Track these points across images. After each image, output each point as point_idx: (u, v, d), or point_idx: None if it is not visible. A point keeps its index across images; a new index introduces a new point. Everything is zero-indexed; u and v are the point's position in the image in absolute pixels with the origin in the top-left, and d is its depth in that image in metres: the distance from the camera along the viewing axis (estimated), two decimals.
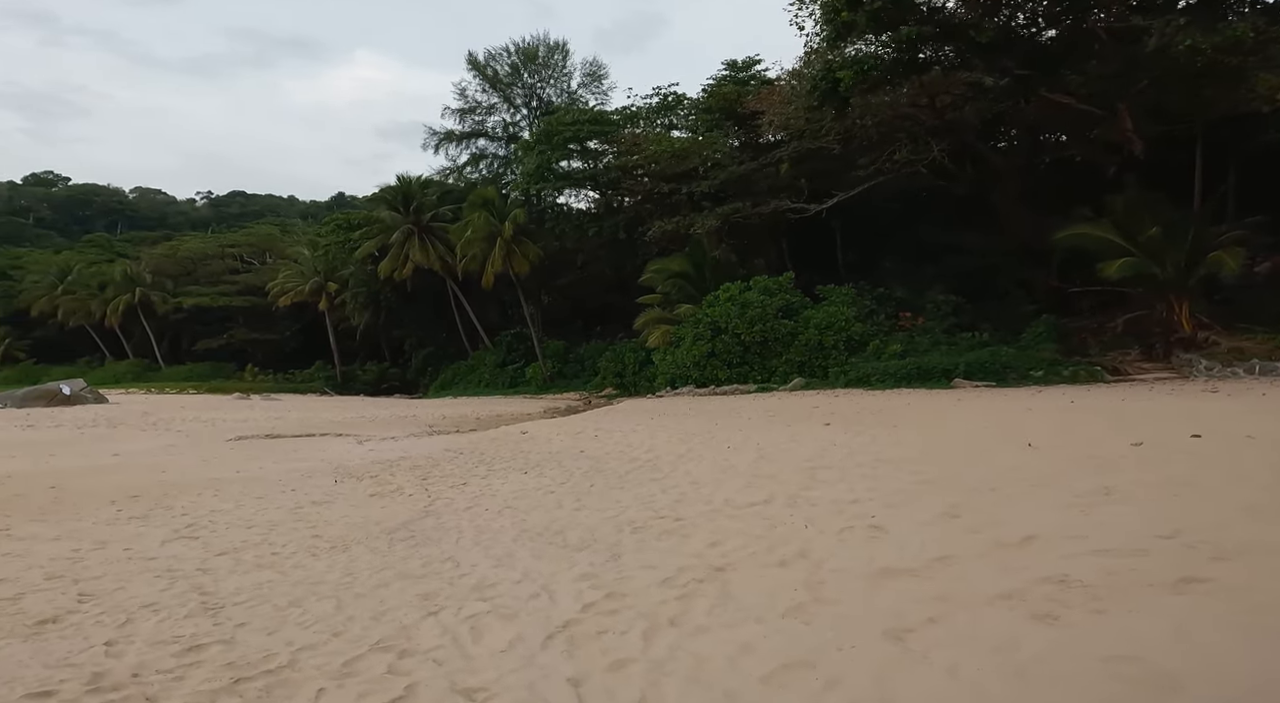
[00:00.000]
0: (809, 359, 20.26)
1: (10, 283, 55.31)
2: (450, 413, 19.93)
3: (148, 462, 10.44)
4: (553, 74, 46.56)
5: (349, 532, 5.49)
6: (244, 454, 11.29)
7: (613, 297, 40.75)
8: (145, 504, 6.85)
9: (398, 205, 39.21)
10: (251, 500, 7.05)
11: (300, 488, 7.79)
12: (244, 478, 8.67)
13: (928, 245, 27.10)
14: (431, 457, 9.92)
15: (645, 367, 28.84)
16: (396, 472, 8.65)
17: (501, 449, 10.35)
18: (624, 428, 11.86)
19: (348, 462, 9.95)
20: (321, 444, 12.51)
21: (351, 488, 7.70)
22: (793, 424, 10.88)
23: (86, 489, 7.77)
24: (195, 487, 7.99)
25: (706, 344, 21.31)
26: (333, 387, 45.32)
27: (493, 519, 5.67)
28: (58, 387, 20.77)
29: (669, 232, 26.40)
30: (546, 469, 8.09)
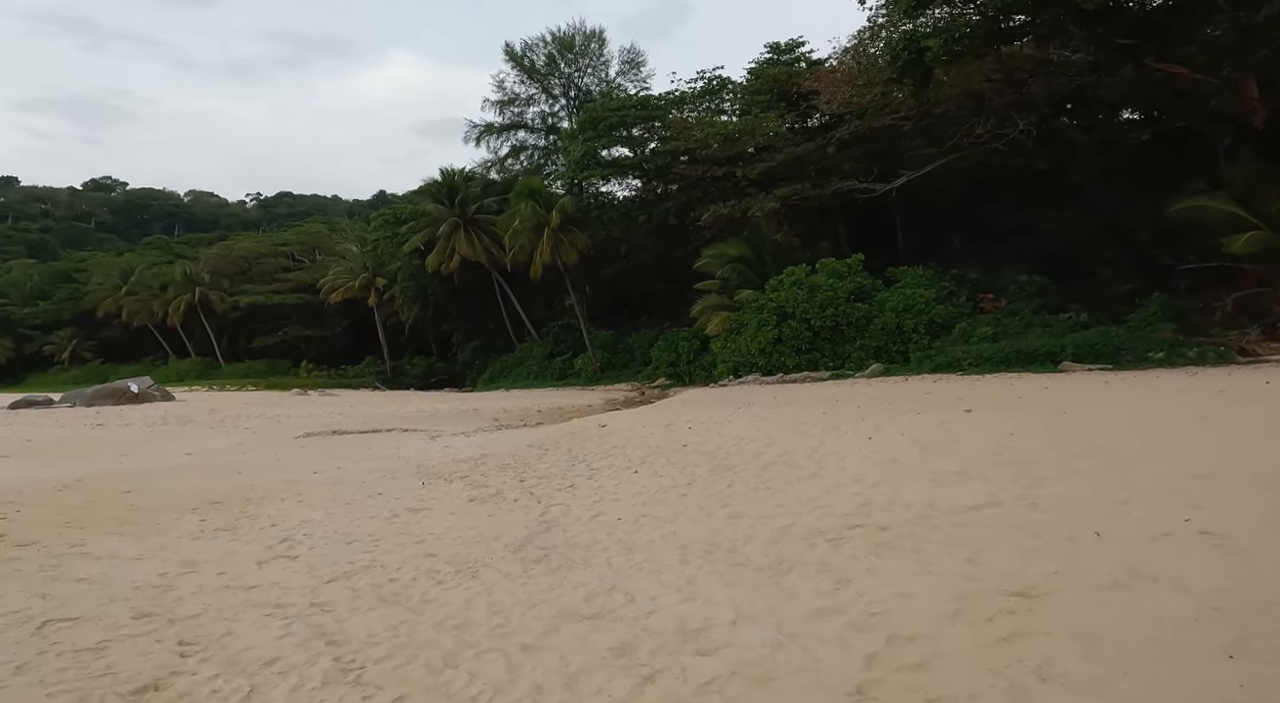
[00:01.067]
0: (885, 344, 18.93)
1: (75, 285, 57.16)
2: (510, 406, 19.27)
3: (221, 462, 9.90)
4: (590, 63, 45.51)
5: (467, 550, 4.65)
6: (316, 453, 10.68)
7: (657, 286, 39.76)
8: (229, 513, 6.16)
9: (443, 198, 38.88)
10: (340, 507, 6.31)
11: (388, 492, 7.03)
12: (324, 480, 7.98)
13: (993, 226, 25.40)
14: (516, 454, 9.11)
15: (700, 356, 27.82)
16: (486, 472, 7.84)
17: (588, 444, 9.49)
18: (714, 418, 10.87)
19: (428, 460, 9.22)
20: (392, 441, 11.87)
21: (443, 491, 6.91)
22: (923, 411, 9.69)
23: (164, 495, 7.16)
24: (276, 491, 7.31)
25: (772, 330, 20.15)
26: (383, 382, 45.52)
27: (633, 531, 4.77)
28: (126, 385, 20.86)
29: (724, 216, 25.25)
30: (659, 467, 7.17)
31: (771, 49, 31.74)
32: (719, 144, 26.07)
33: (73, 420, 16.71)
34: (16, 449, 12.39)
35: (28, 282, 60.01)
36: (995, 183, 26.64)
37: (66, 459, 10.65)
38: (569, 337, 37.36)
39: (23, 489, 7.75)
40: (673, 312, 37.58)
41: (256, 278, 52.95)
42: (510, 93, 45.38)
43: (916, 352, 18.20)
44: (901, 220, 29.25)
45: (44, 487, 7.89)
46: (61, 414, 18.11)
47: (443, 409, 18.67)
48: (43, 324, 56.63)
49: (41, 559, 4.70)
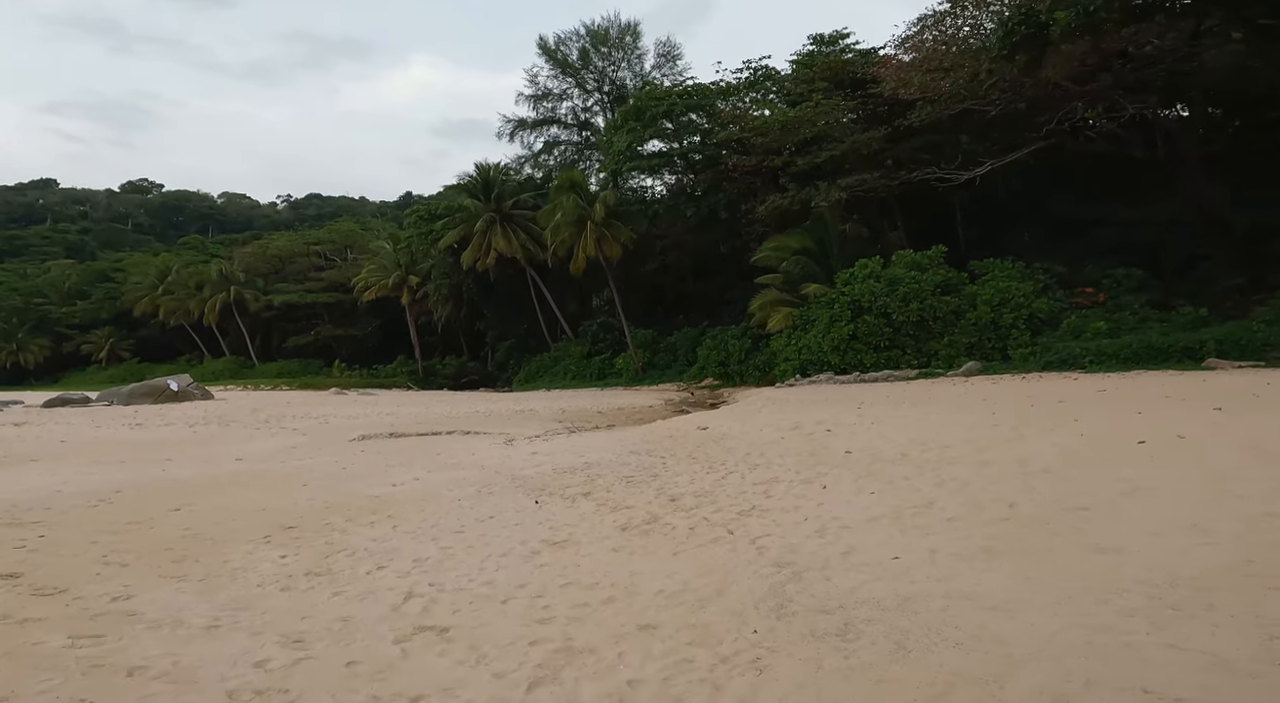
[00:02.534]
0: (979, 340, 17.13)
1: (113, 285, 57.00)
2: (566, 406, 17.79)
3: (278, 469, 8.49)
4: (625, 56, 44.10)
5: (695, 616, 3.13)
6: (382, 459, 9.25)
7: (694, 285, 38.20)
8: (313, 544, 4.71)
9: (478, 193, 37.65)
10: (452, 538, 4.82)
11: (499, 514, 5.54)
12: (409, 495, 6.52)
13: (1063, 219, 23.47)
14: (627, 463, 7.58)
15: (753, 354, 26.19)
16: (610, 486, 6.33)
17: (711, 451, 7.93)
18: (841, 419, 9.20)
19: (520, 470, 7.72)
20: (460, 445, 10.40)
21: (572, 514, 5.39)
22: (1134, 411, 7.91)
23: (222, 514, 5.72)
24: (358, 510, 5.85)
25: (846, 326, 18.44)
26: (415, 381, 44.44)
27: (956, 575, 3.18)
28: (165, 382, 19.76)
29: (782, 207, 23.61)
30: (851, 479, 5.57)
31: (815, 40, 30.27)
32: (776, 133, 24.46)
33: (110, 420, 15.53)
34: (49, 451, 11.15)
35: (66, 281, 60.02)
36: (1066, 174, 24.72)
37: (103, 465, 9.34)
38: (608, 336, 35.88)
39: (51, 503, 6.37)
40: (710, 311, 35.93)
41: (290, 277, 52.28)
42: (543, 88, 44.14)
43: (1019, 349, 16.38)
44: (962, 213, 27.39)
45: (77, 500, 6.52)
46: (98, 413, 16.99)
47: (496, 410, 17.24)
48: (80, 323, 56.52)
49: (72, 623, 3.26)
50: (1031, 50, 15.26)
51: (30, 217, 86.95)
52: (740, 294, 33.74)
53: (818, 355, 19.01)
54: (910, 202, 26.12)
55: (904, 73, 21.75)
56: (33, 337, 56.08)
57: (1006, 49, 15.50)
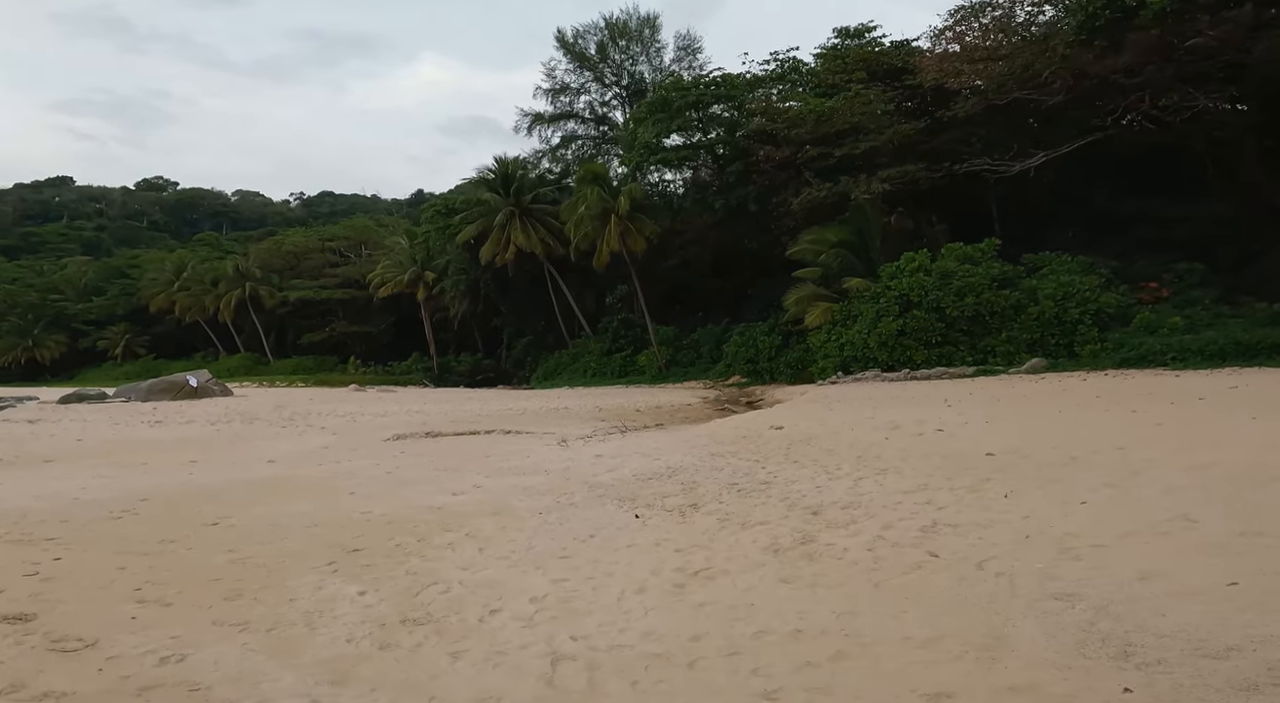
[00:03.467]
0: (1041, 336, 16.09)
1: (129, 281, 56.53)
2: (602, 404, 16.88)
3: (318, 474, 7.60)
4: (644, 49, 43.11)
5: (1000, 676, 2.21)
6: (426, 461, 8.35)
7: (715, 281, 37.18)
8: (392, 575, 3.80)
9: (497, 187, 36.78)
10: (555, 563, 3.92)
11: (598, 531, 4.63)
12: (477, 506, 5.62)
13: (1102, 214, 22.36)
14: (711, 465, 6.69)
15: (783, 351, 25.24)
16: (716, 495, 5.43)
17: (805, 453, 7.01)
18: (945, 418, 8.19)
19: (589, 474, 6.81)
20: (510, 447, 9.48)
21: (687, 529, 4.48)
22: None
23: (270, 531, 4.83)
24: (426, 526, 4.94)
25: (894, 321, 17.44)
26: (430, 379, 43.67)
27: None
28: (184, 378, 18.96)
29: (817, 199, 22.61)
30: (1050, 488, 4.60)
31: (840, 34, 29.31)
32: (810, 124, 23.48)
33: (128, 417, 14.72)
34: (64, 451, 10.31)
35: (82, 278, 59.61)
36: (1103, 169, 23.60)
37: (124, 467, 8.47)
38: (628, 332, 34.95)
39: (69, 513, 5.49)
40: (731, 308, 34.91)
41: (305, 273, 51.61)
42: (560, 82, 43.23)
43: (1088, 345, 15.35)
44: (999, 208, 26.30)
45: (97, 510, 5.64)
46: (116, 410, 16.20)
47: (528, 408, 16.34)
48: (96, 319, 56.06)
49: (104, 697, 2.34)
50: (1113, 36, 14.18)
51: (47, 214, 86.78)
52: (763, 291, 32.71)
53: (862, 352, 18.02)
54: (945, 196, 25.08)
55: (949, 63, 20.81)
56: (49, 333, 55.67)
57: (1085, 34, 14.42)
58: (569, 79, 42.94)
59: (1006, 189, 24.80)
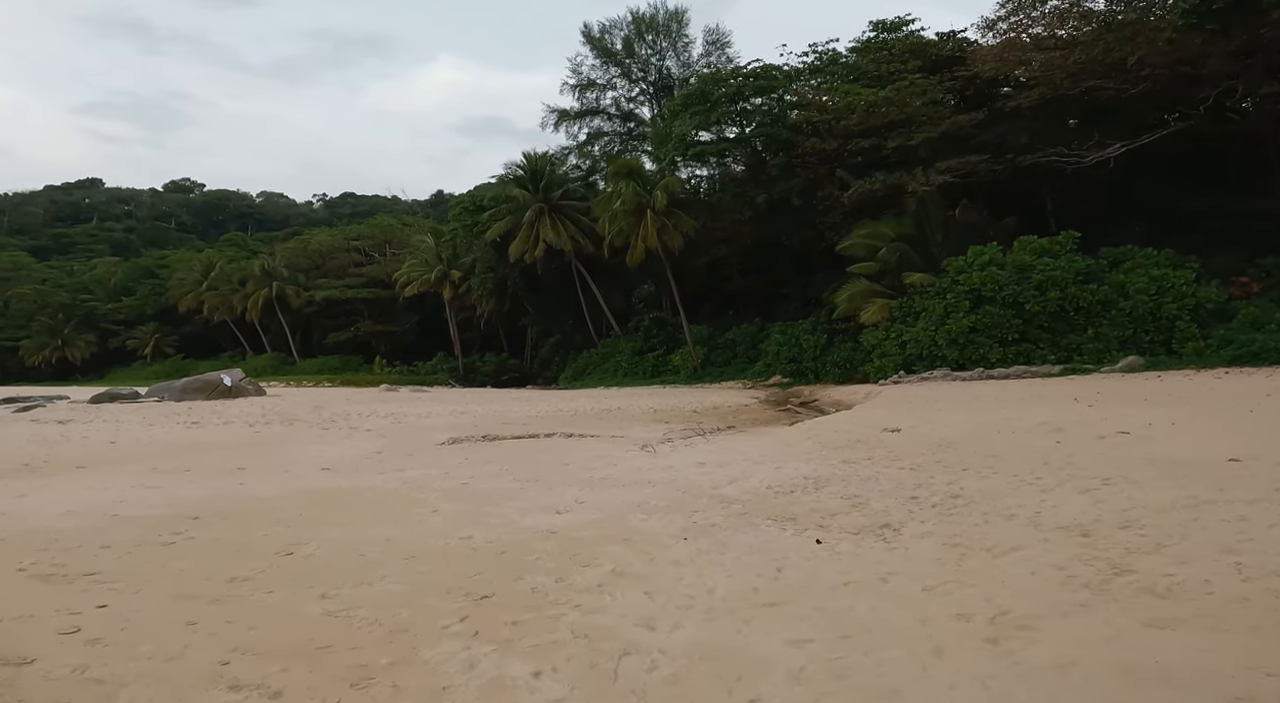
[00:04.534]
0: (1134, 333, 14.77)
1: (158, 281, 56.52)
2: (656, 405, 15.83)
3: (381, 485, 6.61)
4: (671, 44, 42.08)
5: None
6: (498, 469, 7.34)
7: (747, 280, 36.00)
8: (557, 638, 2.77)
9: (526, 184, 35.90)
10: (764, 614, 2.91)
11: (785, 564, 3.62)
12: (597, 528, 4.58)
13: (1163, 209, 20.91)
14: (860, 476, 5.61)
15: (828, 350, 24.04)
16: (911, 514, 4.32)
17: (966, 457, 5.87)
18: (1106, 420, 7.01)
19: (703, 485, 5.75)
20: (587, 452, 8.43)
21: (909, 558, 3.44)
22: None
23: (358, 566, 3.81)
24: (551, 558, 3.90)
25: (965, 317, 16.18)
26: (456, 378, 42.94)
27: None
28: (218, 377, 18.19)
29: (868, 192, 21.42)
30: None
31: (876, 26, 28.13)
32: (861, 115, 22.33)
33: (163, 418, 13.90)
34: (97, 455, 9.44)
35: (112, 278, 59.73)
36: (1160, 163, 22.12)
37: (164, 475, 7.55)
38: (661, 331, 33.89)
39: (109, 535, 4.52)
40: (763, 307, 33.69)
41: (330, 273, 51.16)
42: (586, 78, 42.34)
43: (1188, 342, 14.03)
44: (1053, 203, 24.90)
45: (142, 531, 4.67)
46: (149, 410, 15.42)
47: (578, 408, 15.32)
48: (126, 319, 56.06)
49: None
50: (1227, 20, 12.89)
51: (77, 215, 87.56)
52: (799, 289, 31.52)
53: (928, 350, 16.79)
54: (998, 190, 23.80)
55: (1012, 52, 19.67)
56: (79, 332, 55.79)
57: (1197, 18, 13.14)
58: (595, 75, 42.03)
59: (1062, 184, 23.47)
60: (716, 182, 34.05)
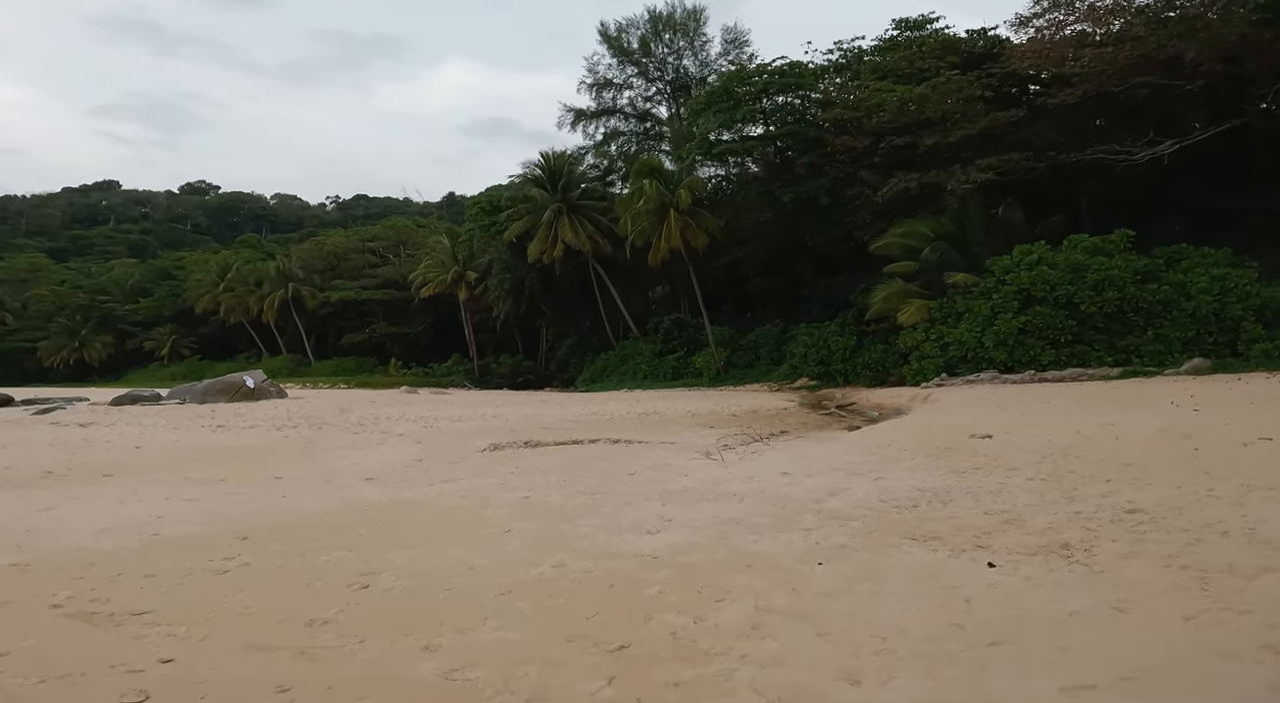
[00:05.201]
0: (1196, 334, 14.03)
1: (175, 282, 56.46)
2: (693, 409, 15.21)
3: (437, 498, 6.04)
4: (689, 43, 41.57)
5: None
6: (557, 480, 6.74)
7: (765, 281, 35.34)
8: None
9: (544, 183, 35.40)
10: (1001, 655, 2.18)
11: (974, 596, 2.92)
12: (706, 552, 3.98)
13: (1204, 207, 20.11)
14: (989, 488, 4.91)
15: (858, 352, 23.38)
16: (1090, 530, 3.75)
17: (1093, 467, 5.17)
18: (1249, 425, 6.34)
19: (806, 499, 5.13)
20: (643, 459, 7.82)
21: (1146, 590, 2.71)
22: None
23: (447, 603, 3.22)
24: (672, 590, 3.31)
25: (1015, 318, 15.47)
26: (471, 380, 42.48)
27: None
28: (241, 379, 17.72)
29: (902, 190, 20.77)
30: None
31: (899, 25, 27.52)
32: (893, 112, 21.70)
33: (187, 421, 13.41)
34: (123, 462, 8.91)
35: (129, 279, 59.75)
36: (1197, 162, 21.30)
37: (199, 485, 7.00)
38: (681, 333, 33.24)
39: (152, 563, 3.95)
40: (783, 309, 33.03)
41: (345, 274, 50.91)
42: (602, 77, 41.89)
43: (1256, 344, 13.30)
44: (1087, 201, 24.12)
45: (188, 555, 4.10)
46: (172, 412, 14.96)
47: (614, 412, 14.72)
48: (143, 320, 56.02)
49: None
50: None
51: (94, 217, 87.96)
52: (822, 290, 30.85)
53: (974, 352, 16.10)
54: (1031, 189, 23.08)
55: (1056, 49, 19.07)
56: (97, 334, 55.78)
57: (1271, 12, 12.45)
58: (612, 74, 41.62)
59: (1097, 183, 22.73)
60: (734, 181, 33.43)
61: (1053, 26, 20.77)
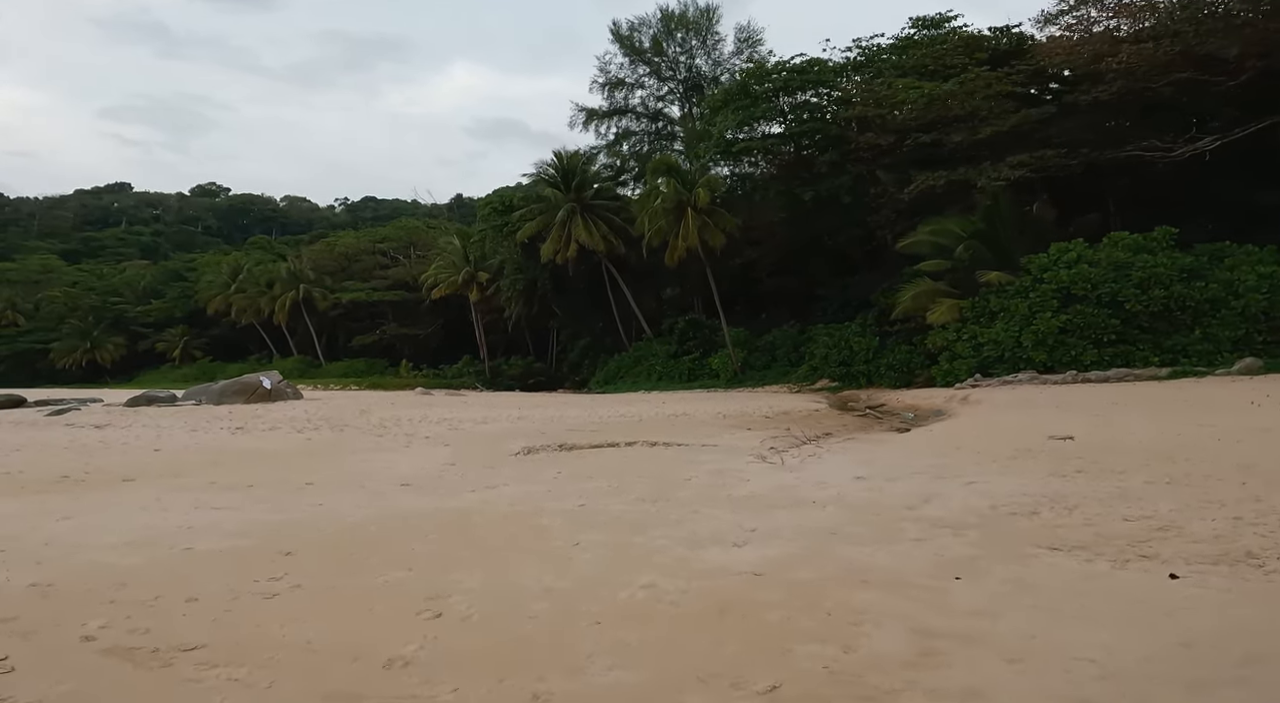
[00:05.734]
0: (1246, 333, 13.47)
1: (186, 284, 56.36)
2: (723, 410, 14.74)
3: (480, 506, 5.58)
4: (702, 42, 41.14)
5: None
6: (606, 487, 6.28)
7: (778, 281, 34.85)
8: None
9: (558, 183, 35.01)
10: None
11: (1177, 610, 2.45)
12: (815, 570, 3.49)
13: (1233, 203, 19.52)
14: (1114, 492, 4.39)
15: (881, 353, 22.87)
16: (1273, 544, 3.19)
17: (1212, 468, 4.67)
18: None
19: (896, 507, 4.64)
20: (695, 464, 7.35)
21: None
22: None
23: (552, 641, 2.79)
24: (795, 615, 2.85)
25: (1055, 317, 14.93)
26: (482, 382, 42.08)
27: None
28: (258, 380, 17.34)
29: (932, 187, 20.26)
30: None
31: (916, 23, 27.10)
32: (920, 109, 21.24)
33: (205, 423, 13.02)
34: (143, 465, 8.50)
35: (141, 281, 59.71)
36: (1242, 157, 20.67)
37: (228, 491, 6.58)
38: (697, 334, 32.75)
39: (192, 584, 3.50)
40: (797, 310, 32.51)
41: (356, 275, 50.66)
42: (614, 76, 41.51)
43: None
44: (1115, 200, 23.55)
45: (229, 572, 3.66)
46: (189, 414, 14.59)
47: (641, 414, 14.26)
48: (155, 322, 55.92)
49: None
50: None
51: (106, 219, 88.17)
52: (836, 291, 30.29)
53: (1011, 351, 15.56)
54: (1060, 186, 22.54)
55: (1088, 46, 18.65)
56: (109, 335, 55.69)
57: None
58: (623, 74, 41.26)
59: (1125, 180, 22.18)
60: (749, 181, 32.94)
61: (1082, 23, 20.35)
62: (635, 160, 41.08)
